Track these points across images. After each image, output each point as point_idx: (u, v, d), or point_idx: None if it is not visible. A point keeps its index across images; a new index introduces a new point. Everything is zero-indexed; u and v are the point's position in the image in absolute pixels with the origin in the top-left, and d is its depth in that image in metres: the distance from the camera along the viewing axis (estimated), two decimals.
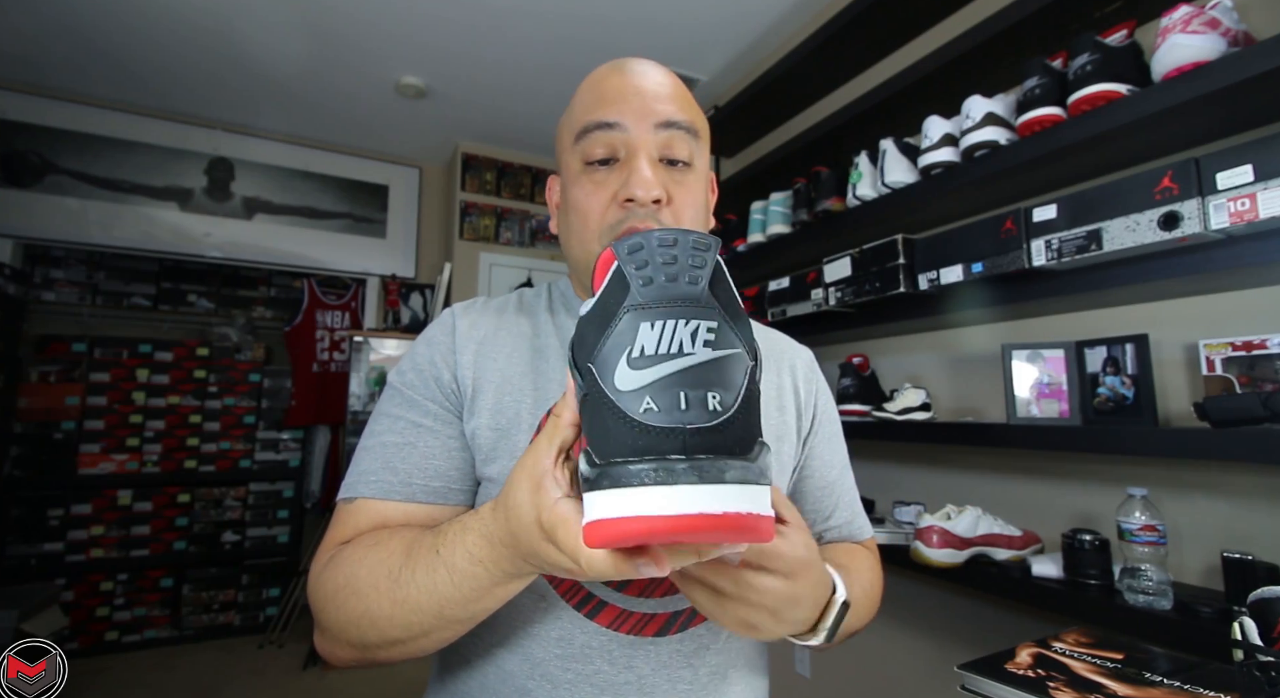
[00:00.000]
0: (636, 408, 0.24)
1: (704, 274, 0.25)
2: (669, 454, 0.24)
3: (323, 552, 0.55)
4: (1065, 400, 1.19)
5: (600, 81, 0.59)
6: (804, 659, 1.97)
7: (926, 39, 1.69)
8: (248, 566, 3.17)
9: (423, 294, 3.43)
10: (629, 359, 0.24)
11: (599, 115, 0.57)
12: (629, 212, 0.56)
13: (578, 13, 2.22)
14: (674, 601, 0.56)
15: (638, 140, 0.56)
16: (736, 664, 0.60)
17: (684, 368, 0.24)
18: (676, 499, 0.23)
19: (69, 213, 2.81)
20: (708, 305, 0.25)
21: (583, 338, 0.28)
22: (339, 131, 3.23)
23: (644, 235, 0.26)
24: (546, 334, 0.62)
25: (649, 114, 0.56)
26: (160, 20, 2.28)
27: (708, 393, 0.24)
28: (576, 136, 0.58)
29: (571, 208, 0.59)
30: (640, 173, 0.55)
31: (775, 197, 1.84)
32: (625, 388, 0.24)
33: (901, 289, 1.38)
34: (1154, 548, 0.96)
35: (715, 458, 0.24)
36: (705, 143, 0.62)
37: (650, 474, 0.23)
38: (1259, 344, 0.94)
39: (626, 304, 0.25)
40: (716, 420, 0.24)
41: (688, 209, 0.58)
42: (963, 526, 1.22)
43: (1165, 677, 0.57)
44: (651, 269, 0.25)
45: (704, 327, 0.25)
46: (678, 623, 0.56)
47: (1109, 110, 1.00)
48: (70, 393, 2.88)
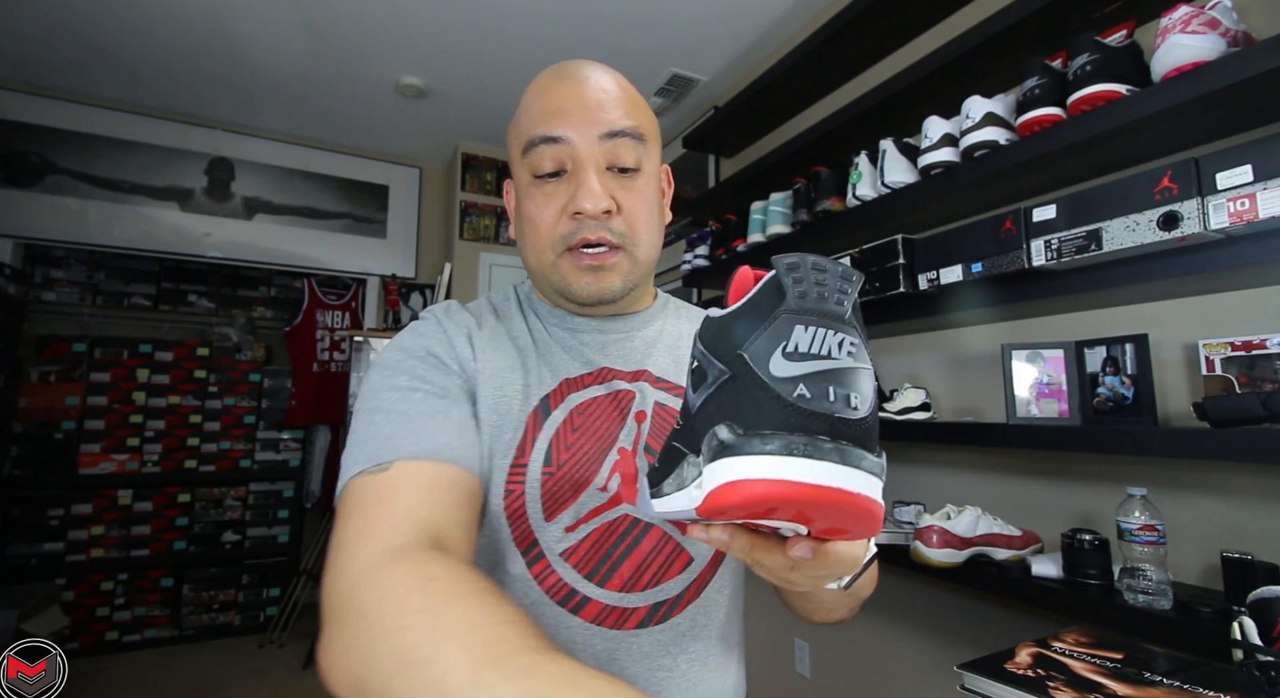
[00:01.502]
0: (790, 392, 0.27)
1: (848, 299, 0.29)
2: (818, 435, 0.27)
3: (356, 541, 0.42)
4: (1065, 400, 1.19)
5: (544, 92, 0.59)
6: (804, 659, 1.97)
7: (926, 39, 1.69)
8: (248, 565, 3.17)
9: (423, 294, 3.43)
10: (784, 352, 0.28)
11: (543, 129, 0.57)
12: (580, 223, 0.57)
13: (578, 12, 2.22)
14: (655, 592, 0.57)
15: (583, 153, 0.57)
16: (713, 650, 0.61)
17: (832, 368, 0.28)
18: (820, 472, 0.27)
19: (69, 213, 2.82)
20: (850, 324, 0.29)
21: (725, 332, 0.31)
22: (339, 131, 3.24)
23: (801, 256, 0.29)
24: (523, 334, 0.64)
25: (593, 124, 0.57)
26: (161, 20, 2.28)
27: (850, 392, 0.28)
28: (524, 150, 0.59)
29: (524, 218, 0.61)
30: (588, 186, 0.56)
31: (775, 197, 1.84)
32: (780, 374, 0.28)
33: (901, 289, 1.38)
34: (1153, 548, 0.96)
35: (854, 446, 0.27)
36: (654, 143, 0.62)
37: (800, 447, 0.27)
38: (1258, 344, 0.94)
39: (782, 309, 0.28)
40: (856, 416, 0.28)
41: (639, 215, 0.60)
42: (962, 525, 1.22)
43: (1165, 677, 0.57)
44: (806, 285, 0.28)
45: (848, 340, 0.28)
46: (658, 615, 0.57)
47: (1109, 110, 1.00)
48: (70, 393, 2.88)
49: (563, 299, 0.63)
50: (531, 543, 0.55)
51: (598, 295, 0.60)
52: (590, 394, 0.61)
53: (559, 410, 0.59)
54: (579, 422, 0.59)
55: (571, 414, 0.59)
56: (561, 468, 0.56)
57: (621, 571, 0.56)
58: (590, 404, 0.60)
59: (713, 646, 0.61)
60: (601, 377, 0.62)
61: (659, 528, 0.58)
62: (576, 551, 0.55)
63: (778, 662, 2.05)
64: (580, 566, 0.55)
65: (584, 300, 0.60)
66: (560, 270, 0.60)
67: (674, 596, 0.58)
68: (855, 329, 0.29)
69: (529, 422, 0.57)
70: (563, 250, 0.59)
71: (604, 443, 0.59)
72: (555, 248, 0.59)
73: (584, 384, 0.61)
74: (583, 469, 0.57)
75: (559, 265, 0.60)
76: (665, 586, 0.57)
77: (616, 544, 0.56)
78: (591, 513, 0.56)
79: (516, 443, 0.56)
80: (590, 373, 0.62)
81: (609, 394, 0.61)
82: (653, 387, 0.63)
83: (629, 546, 0.57)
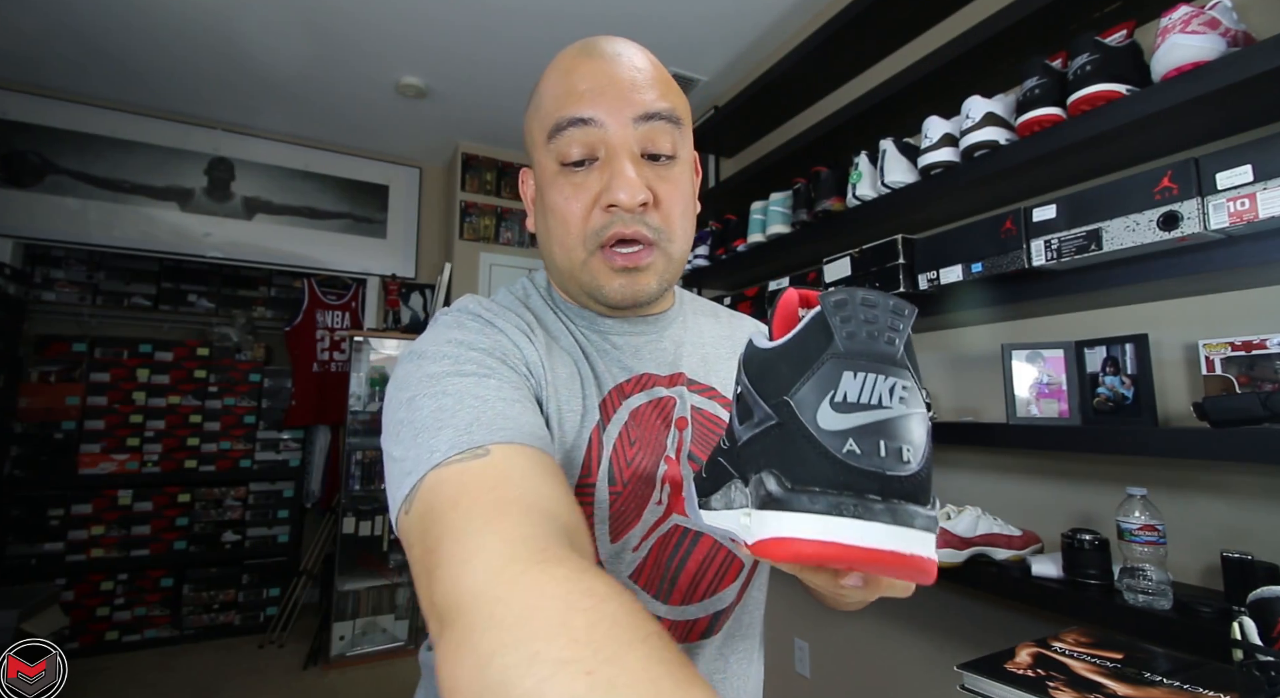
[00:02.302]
0: (839, 447, 0.26)
1: (900, 337, 0.28)
2: (867, 493, 0.26)
3: (480, 530, 0.34)
4: (1065, 400, 1.19)
5: (570, 70, 0.53)
6: (804, 659, 1.97)
7: (926, 39, 1.69)
8: (248, 565, 3.17)
9: (423, 294, 3.43)
10: (832, 402, 0.27)
11: (572, 110, 0.51)
12: (613, 216, 0.52)
13: (578, 12, 2.22)
14: (713, 602, 0.56)
15: (617, 138, 0.51)
16: (755, 644, 0.62)
17: (884, 419, 0.27)
18: (871, 534, 0.26)
19: (69, 213, 2.82)
20: (902, 365, 0.27)
21: (771, 371, 0.30)
22: (339, 131, 3.24)
23: (849, 292, 0.28)
24: (566, 337, 0.59)
25: (627, 106, 0.51)
26: (161, 20, 2.28)
27: (902, 445, 0.27)
28: (549, 134, 0.52)
29: (550, 211, 0.54)
30: (624, 175, 0.50)
31: (775, 197, 1.84)
32: (829, 427, 0.27)
33: (901, 289, 1.38)
34: (1153, 548, 0.96)
35: (905, 503, 0.27)
36: (688, 127, 0.57)
37: (850, 507, 0.26)
38: (1258, 344, 0.94)
39: (830, 352, 0.27)
40: (907, 471, 0.27)
41: (676, 207, 0.54)
42: (962, 525, 1.22)
43: (1165, 677, 0.57)
44: (854, 325, 0.27)
45: (899, 384, 0.27)
46: (718, 624, 0.57)
47: (1109, 110, 1.00)
48: (70, 393, 2.88)
49: (591, 300, 0.58)
50: (599, 566, 0.50)
51: (632, 298, 0.55)
52: (637, 402, 0.57)
53: (613, 424, 0.55)
54: (634, 434, 0.55)
55: (626, 426, 0.55)
56: (627, 486, 0.53)
57: (680, 583, 0.55)
58: (638, 413, 0.56)
59: (754, 640, 0.62)
60: (643, 383, 0.58)
61: (708, 537, 0.56)
62: (643, 570, 0.54)
63: (778, 662, 2.05)
64: (648, 585, 0.54)
65: (616, 304, 0.55)
66: (591, 270, 0.54)
67: (729, 604, 0.57)
68: (908, 370, 0.28)
69: (593, 437, 0.53)
70: (595, 247, 0.53)
71: (656, 454, 0.56)
72: (587, 245, 0.53)
73: (629, 392, 0.57)
74: (644, 486, 0.54)
75: (590, 265, 0.54)
76: (721, 594, 0.56)
77: (673, 556, 0.55)
78: (651, 529, 0.54)
79: (580, 460, 0.52)
80: (630, 379, 0.58)
81: (653, 402, 0.57)
82: (690, 391, 0.60)
83: (683, 556, 0.55)
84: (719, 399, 0.61)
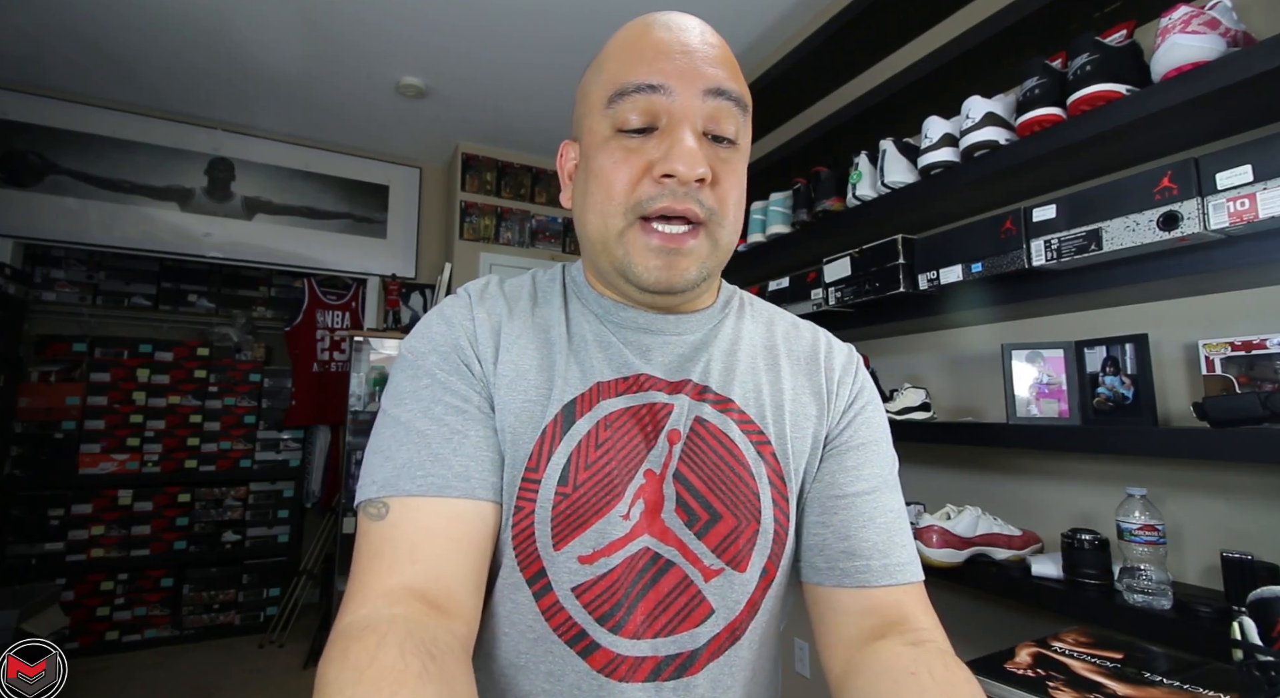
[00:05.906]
0: None
1: None
2: None
3: (350, 596, 0.45)
4: (1065, 400, 1.19)
5: (640, 37, 0.51)
6: (804, 659, 1.97)
7: (926, 39, 1.69)
8: (248, 565, 3.17)
9: (423, 294, 3.43)
10: None
11: (640, 76, 0.49)
12: (665, 188, 0.48)
13: (578, 12, 2.22)
14: (667, 643, 0.50)
15: (683, 108, 0.49)
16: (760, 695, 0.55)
17: None
18: None
19: (69, 213, 2.82)
20: None
21: None
22: (339, 131, 3.24)
23: None
24: (557, 326, 0.56)
25: (697, 78, 0.49)
26: (161, 20, 2.28)
27: None
28: (610, 99, 0.50)
29: (594, 176, 0.51)
30: (683, 145, 0.47)
31: (775, 197, 1.84)
32: None
33: (901, 289, 1.38)
34: (1153, 548, 0.96)
35: None
36: (749, 120, 0.54)
37: None
38: (1258, 344, 0.94)
39: None
40: None
41: (732, 193, 0.51)
42: (962, 525, 1.22)
43: (1165, 677, 0.57)
44: None
45: None
46: (669, 669, 0.49)
47: (1108, 110, 1.00)
48: (70, 393, 2.88)
49: (621, 281, 0.53)
50: (538, 572, 0.49)
51: (666, 283, 0.51)
52: (622, 404, 0.53)
53: (584, 420, 0.52)
54: (605, 436, 0.51)
55: (598, 426, 0.51)
56: (578, 489, 0.50)
57: (636, 614, 0.49)
58: (621, 416, 0.52)
59: (761, 687, 0.55)
60: (636, 384, 0.54)
61: (681, 568, 0.50)
62: (591, 588, 0.49)
63: None
64: (593, 606, 0.49)
65: (647, 286, 0.51)
66: (626, 243, 0.51)
67: (689, 650, 0.50)
68: None
69: (548, 429, 0.51)
70: (635, 219, 0.50)
71: (630, 463, 0.51)
72: (628, 214, 0.50)
73: (616, 391, 0.53)
74: (603, 494, 0.50)
75: (627, 237, 0.51)
76: (679, 637, 0.50)
77: (634, 583, 0.49)
78: (612, 546, 0.49)
79: (528, 453, 0.50)
80: (624, 379, 0.54)
81: (641, 407, 0.53)
82: (694, 399, 0.54)
83: (646, 585, 0.50)
84: (733, 414, 0.55)
